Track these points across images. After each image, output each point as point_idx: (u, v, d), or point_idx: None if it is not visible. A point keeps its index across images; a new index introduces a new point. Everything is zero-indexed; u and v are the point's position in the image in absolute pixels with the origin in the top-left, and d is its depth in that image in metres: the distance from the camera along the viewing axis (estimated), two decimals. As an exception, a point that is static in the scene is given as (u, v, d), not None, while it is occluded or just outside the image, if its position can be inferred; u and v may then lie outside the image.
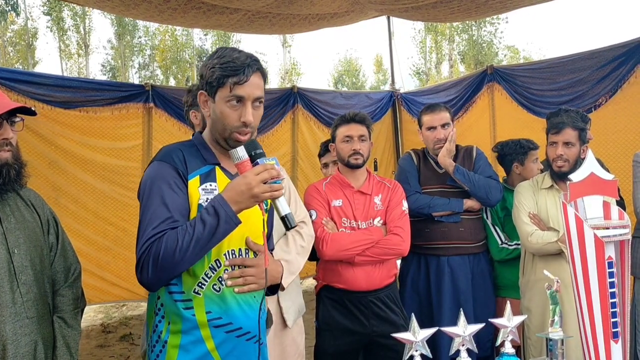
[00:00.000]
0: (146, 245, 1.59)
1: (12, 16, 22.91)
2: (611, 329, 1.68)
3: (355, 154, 2.88)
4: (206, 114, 1.77)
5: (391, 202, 2.91)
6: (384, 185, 2.98)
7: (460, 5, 4.86)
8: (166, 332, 1.69)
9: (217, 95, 1.71)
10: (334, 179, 2.98)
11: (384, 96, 7.09)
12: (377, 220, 2.88)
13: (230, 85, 1.68)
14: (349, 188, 2.92)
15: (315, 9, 5.06)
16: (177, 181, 1.67)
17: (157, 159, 1.73)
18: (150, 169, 1.72)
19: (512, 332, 1.72)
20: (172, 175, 1.67)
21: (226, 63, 1.68)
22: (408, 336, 1.60)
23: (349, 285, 2.82)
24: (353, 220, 2.87)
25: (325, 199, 2.90)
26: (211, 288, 1.69)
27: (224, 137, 1.73)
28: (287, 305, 2.43)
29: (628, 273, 1.74)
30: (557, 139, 2.93)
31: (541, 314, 2.86)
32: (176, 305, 1.67)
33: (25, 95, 4.64)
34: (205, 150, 1.77)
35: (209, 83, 1.71)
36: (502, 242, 3.40)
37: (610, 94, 4.72)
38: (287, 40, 29.08)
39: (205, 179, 1.71)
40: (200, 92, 1.76)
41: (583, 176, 1.74)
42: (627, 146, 4.57)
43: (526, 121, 5.26)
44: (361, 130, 2.90)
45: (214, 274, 1.70)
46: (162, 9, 4.78)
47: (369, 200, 2.90)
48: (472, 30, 27.64)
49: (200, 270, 1.68)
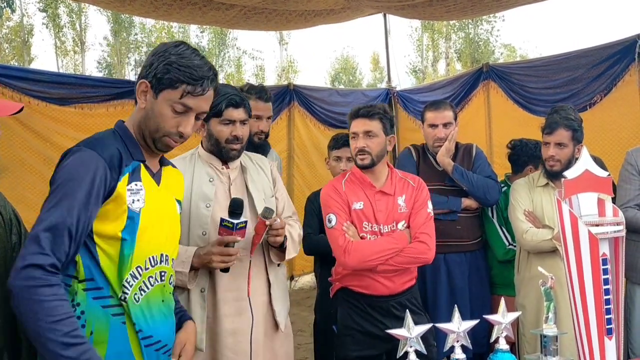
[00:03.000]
0: (23, 277, 1.39)
1: (8, 12, 22.79)
2: (605, 326, 1.68)
3: (359, 152, 2.63)
4: (140, 104, 1.64)
5: (416, 203, 2.65)
6: (408, 184, 2.71)
7: (457, 4, 4.87)
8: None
9: (162, 94, 1.60)
10: (354, 175, 2.71)
11: (380, 94, 7.10)
12: (401, 224, 2.62)
13: (182, 91, 1.59)
14: (370, 188, 2.65)
15: (311, 5, 5.05)
16: (100, 190, 1.50)
17: (92, 146, 1.55)
18: (82, 156, 1.53)
19: (507, 328, 1.73)
20: (100, 178, 1.51)
21: (186, 67, 1.58)
22: (402, 332, 1.61)
23: (369, 290, 2.61)
24: (375, 224, 2.61)
25: (345, 201, 2.64)
26: (132, 297, 1.57)
27: (153, 137, 1.64)
28: (279, 308, 2.41)
29: (622, 270, 1.75)
30: (550, 140, 2.93)
31: (536, 310, 2.87)
32: (104, 311, 1.54)
33: (20, 91, 4.62)
34: (132, 144, 1.64)
35: (159, 79, 1.59)
36: (510, 244, 3.37)
37: (605, 92, 4.73)
38: (284, 37, 29.04)
39: (131, 178, 1.59)
40: (142, 81, 1.61)
41: (578, 173, 1.74)
42: (621, 144, 4.57)
43: (522, 119, 5.26)
44: (367, 125, 2.63)
45: (135, 282, 1.58)
46: (158, 5, 4.77)
47: (392, 202, 2.64)
48: (468, 28, 27.64)
49: (123, 277, 1.56)
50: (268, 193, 2.43)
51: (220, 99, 2.28)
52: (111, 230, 1.54)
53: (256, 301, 2.33)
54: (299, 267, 6.81)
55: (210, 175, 2.33)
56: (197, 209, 2.27)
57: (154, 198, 1.64)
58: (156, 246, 1.64)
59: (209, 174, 2.33)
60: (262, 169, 2.49)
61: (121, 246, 1.55)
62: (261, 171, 2.47)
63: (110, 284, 1.54)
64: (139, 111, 1.65)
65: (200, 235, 2.26)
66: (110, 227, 1.54)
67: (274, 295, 2.39)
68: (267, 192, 2.43)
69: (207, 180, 2.31)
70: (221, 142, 2.31)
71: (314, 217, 3.46)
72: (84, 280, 1.53)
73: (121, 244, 1.55)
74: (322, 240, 3.40)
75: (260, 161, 2.53)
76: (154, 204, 1.63)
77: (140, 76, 1.64)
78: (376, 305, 2.62)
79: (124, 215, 1.55)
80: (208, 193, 2.29)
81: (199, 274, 2.25)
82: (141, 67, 1.66)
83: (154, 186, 1.67)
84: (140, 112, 1.65)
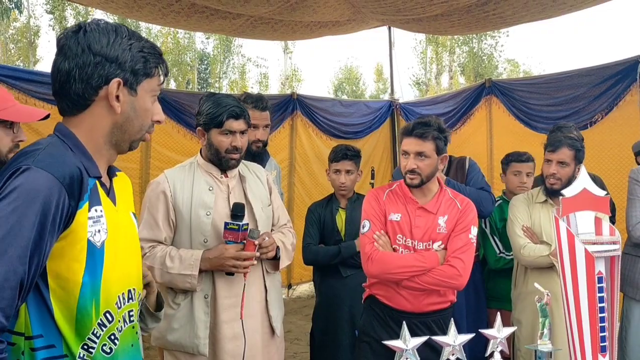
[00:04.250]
0: None
1: (15, 13, 22.93)
2: (599, 343, 1.70)
3: (409, 172, 2.54)
4: (115, 109, 1.31)
5: (457, 226, 2.53)
6: (454, 205, 2.59)
7: (461, 19, 4.91)
8: None
9: (140, 87, 1.34)
10: (399, 188, 2.64)
11: (383, 105, 7.15)
12: (437, 244, 2.53)
13: (158, 75, 1.37)
14: (412, 203, 2.58)
15: (318, 16, 5.10)
16: (56, 221, 1.19)
17: (45, 166, 1.19)
18: (33, 179, 1.17)
19: (502, 343, 1.74)
20: (56, 208, 1.19)
21: (150, 48, 1.35)
22: (398, 344, 1.63)
23: (393, 302, 2.56)
24: (409, 239, 2.54)
25: (382, 210, 2.59)
26: (100, 350, 1.29)
27: (132, 139, 1.38)
28: (275, 314, 2.47)
29: (617, 288, 1.77)
30: (552, 157, 2.95)
31: (531, 326, 2.88)
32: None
33: (26, 93, 4.64)
34: (86, 157, 1.30)
35: (134, 70, 1.31)
36: (500, 252, 3.45)
37: (606, 111, 4.77)
38: (289, 46, 29.15)
39: (91, 203, 1.28)
40: (116, 80, 1.30)
41: (576, 192, 1.77)
42: (621, 162, 4.61)
43: (523, 135, 5.30)
44: (420, 145, 2.52)
45: (103, 331, 1.30)
46: (166, 12, 4.81)
47: (432, 220, 2.54)
48: (472, 42, 27.75)
49: (86, 329, 1.26)
50: (265, 202, 2.50)
51: (222, 110, 2.36)
52: (66, 273, 1.23)
53: (253, 307, 2.38)
54: (297, 275, 6.82)
55: (209, 184, 2.39)
56: (198, 218, 2.33)
57: (115, 223, 1.34)
58: (124, 283, 1.36)
59: (209, 183, 2.40)
60: (259, 178, 2.56)
61: (81, 291, 1.24)
62: (258, 180, 2.55)
63: (65, 340, 1.24)
64: (108, 117, 1.33)
65: (202, 243, 2.33)
66: (66, 269, 1.23)
67: (270, 301, 2.45)
68: (264, 200, 2.50)
69: (206, 189, 2.38)
70: (221, 152, 2.39)
71: (314, 228, 3.48)
72: (31, 338, 1.22)
73: (81, 289, 1.24)
74: (321, 251, 3.43)
75: (257, 170, 2.60)
76: (116, 232, 1.33)
77: (101, 78, 1.30)
78: (397, 319, 2.49)
79: (82, 254, 1.25)
80: (208, 201, 2.35)
81: (203, 280, 2.32)
82: (86, 67, 1.29)
83: (112, 207, 1.36)
84: (111, 118, 1.33)
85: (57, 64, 1.31)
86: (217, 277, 2.32)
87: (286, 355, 4.78)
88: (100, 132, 1.34)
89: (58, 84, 1.31)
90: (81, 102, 1.31)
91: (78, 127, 1.33)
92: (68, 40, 1.30)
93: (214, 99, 2.44)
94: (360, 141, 6.52)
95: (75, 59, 1.28)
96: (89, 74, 1.29)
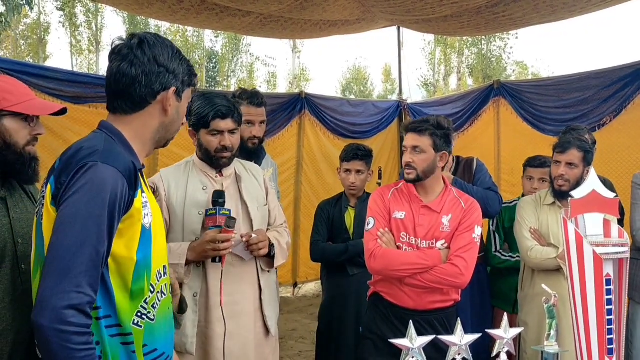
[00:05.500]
0: (59, 320, 1.29)
1: (26, 10, 23.06)
2: (606, 345, 1.70)
3: (406, 166, 2.60)
4: (168, 112, 1.56)
5: (461, 225, 2.56)
6: (459, 204, 2.62)
7: (470, 21, 4.91)
8: None
9: (184, 94, 1.60)
10: (405, 187, 2.68)
11: (391, 106, 7.13)
12: (440, 243, 2.56)
13: (194, 85, 1.64)
14: (417, 201, 2.62)
15: (327, 15, 5.10)
16: (122, 208, 1.41)
17: (107, 160, 1.41)
18: (101, 173, 1.38)
19: (508, 344, 1.74)
20: (121, 198, 1.40)
21: (190, 63, 1.61)
22: (405, 342, 1.63)
23: (396, 299, 2.60)
24: (413, 237, 2.58)
25: (386, 208, 2.64)
26: (147, 318, 1.49)
27: (169, 137, 1.64)
28: (270, 314, 2.47)
29: (625, 291, 1.77)
30: (561, 159, 2.95)
31: (538, 327, 2.88)
32: (113, 341, 1.42)
33: (35, 88, 4.65)
34: (130, 153, 1.52)
35: (183, 81, 1.58)
36: (496, 250, 3.46)
37: (615, 113, 4.75)
38: (297, 45, 29.16)
39: (142, 191, 1.51)
40: (174, 88, 1.55)
41: (584, 193, 1.76)
42: (630, 166, 4.59)
43: (531, 137, 5.29)
44: (415, 140, 2.59)
45: (148, 302, 1.49)
46: (176, 9, 4.83)
47: (436, 219, 2.58)
48: (481, 44, 27.67)
49: (138, 300, 1.46)
50: (261, 202, 2.51)
51: (208, 109, 2.35)
52: (125, 251, 1.43)
53: (247, 306, 2.38)
54: (303, 274, 6.82)
55: (204, 184, 2.41)
56: (190, 216, 2.35)
57: (154, 207, 1.56)
58: (161, 260, 1.56)
59: (203, 182, 2.41)
60: (256, 178, 2.56)
61: (136, 267, 1.44)
62: (254, 180, 2.55)
63: (119, 311, 1.43)
64: (158, 118, 1.56)
65: (193, 241, 2.33)
66: (125, 248, 1.43)
67: (264, 300, 2.44)
68: (260, 200, 2.50)
69: (200, 188, 2.39)
70: (211, 152, 2.40)
71: (323, 225, 3.49)
72: (97, 309, 1.40)
73: (135, 265, 1.44)
74: (328, 248, 3.43)
75: (253, 170, 2.60)
76: (156, 214, 1.55)
77: (162, 85, 1.52)
78: (400, 316, 2.57)
79: (137, 234, 1.45)
80: (201, 200, 2.36)
81: (192, 278, 2.32)
82: (152, 75, 1.51)
83: (150, 194, 1.59)
84: (160, 119, 1.56)
85: (122, 69, 1.50)
86: (208, 275, 2.32)
87: (291, 354, 4.84)
88: (149, 129, 1.57)
89: (121, 86, 1.51)
90: (142, 103, 1.52)
91: (129, 124, 1.54)
92: (134, 49, 1.51)
93: (203, 98, 2.42)
94: (368, 141, 6.50)
95: (142, 67, 1.50)
96: (153, 81, 1.52)
